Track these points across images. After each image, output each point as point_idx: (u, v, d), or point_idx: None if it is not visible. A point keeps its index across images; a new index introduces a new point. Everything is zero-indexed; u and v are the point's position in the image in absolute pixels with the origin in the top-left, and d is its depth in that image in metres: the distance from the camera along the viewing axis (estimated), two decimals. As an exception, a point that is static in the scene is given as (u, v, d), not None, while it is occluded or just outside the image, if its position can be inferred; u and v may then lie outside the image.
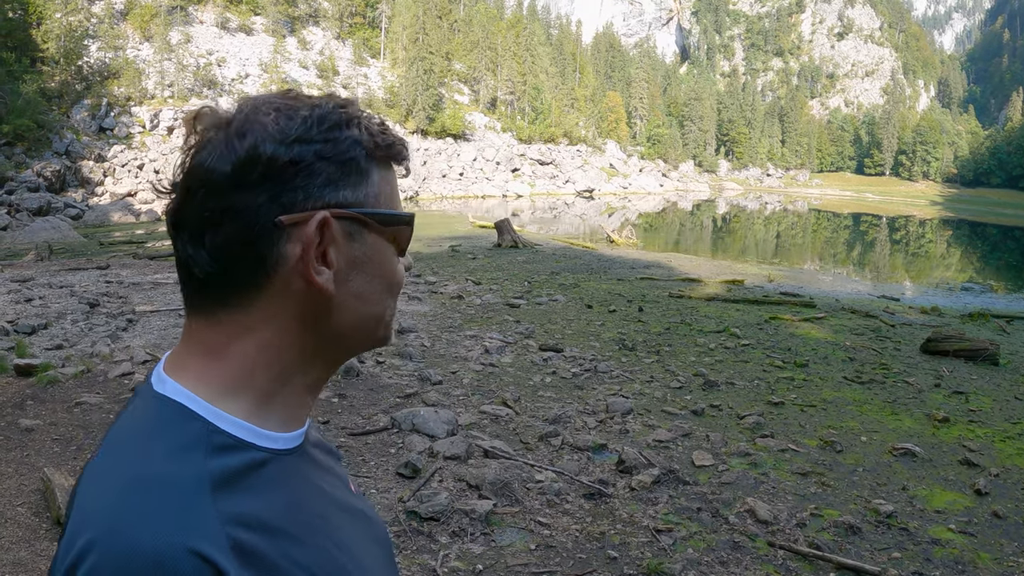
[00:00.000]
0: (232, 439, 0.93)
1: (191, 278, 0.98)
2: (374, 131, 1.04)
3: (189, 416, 0.93)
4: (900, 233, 63.61)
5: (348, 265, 1.01)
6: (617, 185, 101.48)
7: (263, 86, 74.96)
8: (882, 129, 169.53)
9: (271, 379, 0.99)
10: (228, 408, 0.95)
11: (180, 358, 1.00)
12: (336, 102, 1.03)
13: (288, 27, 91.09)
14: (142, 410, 0.96)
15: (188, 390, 0.95)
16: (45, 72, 58.28)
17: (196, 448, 0.89)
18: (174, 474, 0.86)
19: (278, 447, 0.99)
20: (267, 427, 0.98)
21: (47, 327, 12.07)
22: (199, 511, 0.83)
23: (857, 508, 5.93)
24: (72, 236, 31.88)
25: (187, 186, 0.97)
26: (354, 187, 1.00)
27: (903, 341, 12.85)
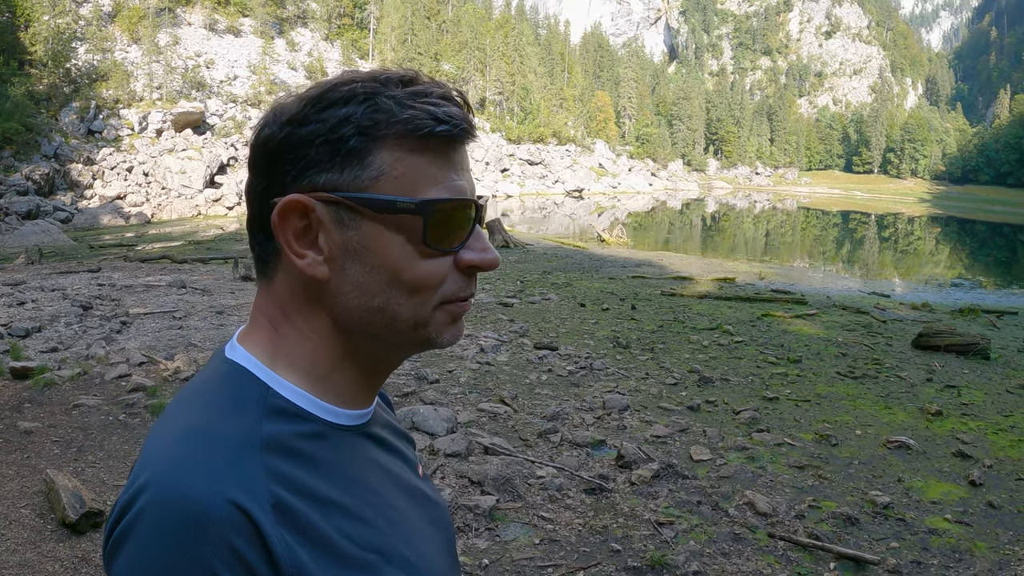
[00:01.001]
0: (290, 405, 0.96)
1: (252, 253, 1.04)
2: (385, 107, 0.96)
3: (250, 379, 0.97)
4: (889, 230, 63.83)
5: (342, 252, 0.97)
6: (606, 185, 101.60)
7: (251, 88, 74.91)
8: (870, 127, 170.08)
9: (318, 361, 1.01)
10: (289, 378, 0.98)
11: (248, 328, 1.05)
12: (346, 78, 0.99)
13: (276, 28, 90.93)
14: (210, 372, 1.01)
15: (253, 356, 0.99)
16: (33, 75, 58.04)
17: (252, 408, 0.93)
18: (227, 429, 0.90)
19: (338, 421, 1.01)
20: (328, 400, 1.00)
21: (41, 330, 12.06)
22: (244, 465, 0.87)
23: (854, 500, 6.00)
24: (62, 239, 31.81)
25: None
26: (341, 169, 0.96)
27: (895, 337, 12.95)
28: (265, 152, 0.98)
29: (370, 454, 1.06)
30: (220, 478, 0.84)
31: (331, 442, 0.98)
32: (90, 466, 6.38)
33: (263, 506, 0.85)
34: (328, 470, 0.96)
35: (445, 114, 0.98)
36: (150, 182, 52.80)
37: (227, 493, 0.83)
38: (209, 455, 0.86)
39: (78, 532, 5.17)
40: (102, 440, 6.94)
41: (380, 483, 1.05)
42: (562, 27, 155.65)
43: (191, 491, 0.82)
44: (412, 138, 0.97)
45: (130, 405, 7.82)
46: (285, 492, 0.88)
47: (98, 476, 6.15)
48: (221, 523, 0.81)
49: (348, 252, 0.97)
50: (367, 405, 1.08)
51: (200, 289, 16.64)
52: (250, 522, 0.83)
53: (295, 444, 0.93)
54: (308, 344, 1.01)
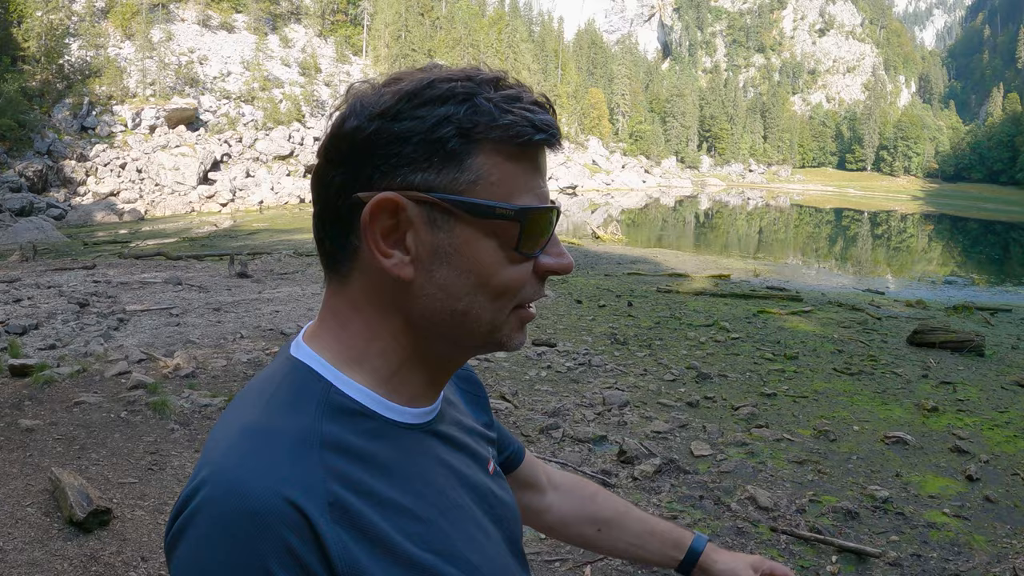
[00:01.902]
0: (353, 403, 0.96)
1: (317, 243, 1.02)
2: (486, 108, 0.95)
3: (314, 377, 0.97)
4: (882, 228, 63.98)
5: (430, 254, 0.96)
6: (600, 182, 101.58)
7: (245, 84, 74.85)
8: (863, 125, 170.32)
9: (387, 359, 1.01)
10: (354, 376, 0.98)
11: (315, 326, 1.05)
12: (445, 75, 0.97)
13: (270, 25, 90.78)
14: (275, 369, 1.01)
15: (317, 355, 0.99)
16: (26, 71, 57.93)
17: (313, 406, 0.93)
18: (288, 426, 0.90)
19: (400, 420, 1.00)
20: (392, 399, 1.00)
21: (38, 327, 12.05)
22: (303, 463, 0.87)
23: (854, 494, 6.05)
24: (56, 236, 31.78)
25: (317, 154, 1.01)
26: (438, 170, 0.94)
27: (890, 333, 13.01)
28: (352, 144, 0.95)
29: (435, 452, 1.06)
30: (278, 476, 0.85)
31: (393, 440, 0.99)
32: (93, 464, 6.39)
33: (320, 505, 0.85)
34: (389, 468, 0.96)
35: (542, 122, 0.98)
36: (143, 179, 52.79)
37: (284, 491, 0.84)
38: (268, 452, 0.87)
39: (85, 530, 5.15)
40: (104, 438, 6.95)
41: (445, 482, 1.04)
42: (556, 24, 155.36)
43: (249, 488, 0.83)
44: (510, 144, 0.97)
45: (131, 402, 7.83)
46: (343, 490, 0.89)
47: (102, 474, 6.16)
48: (277, 521, 0.82)
49: (437, 254, 0.96)
50: (431, 403, 1.07)
51: (196, 286, 16.64)
52: (306, 521, 0.83)
53: (356, 442, 0.94)
54: (378, 343, 1.00)
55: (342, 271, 1.00)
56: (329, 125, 0.99)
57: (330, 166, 0.98)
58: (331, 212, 0.98)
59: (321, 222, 1.00)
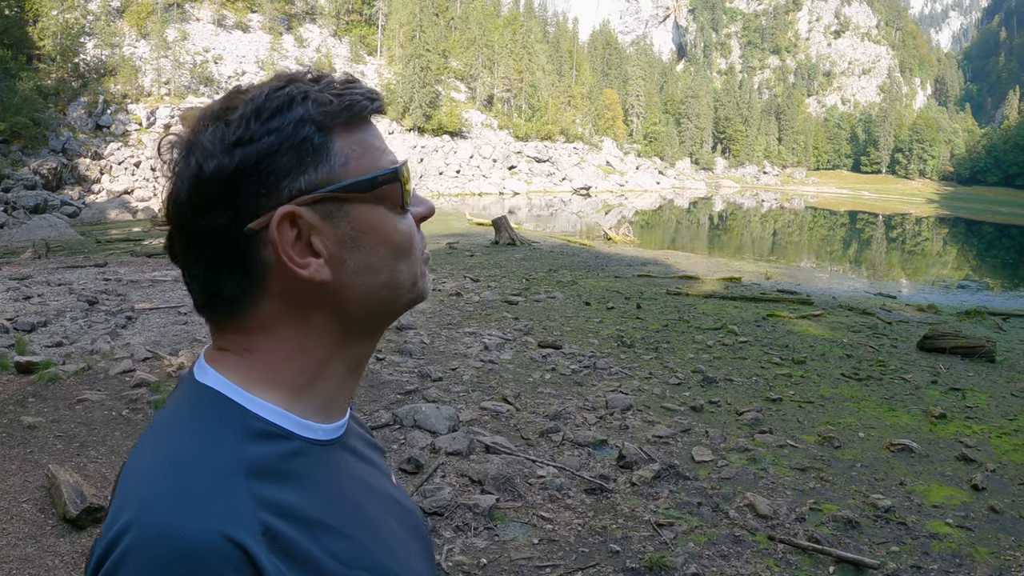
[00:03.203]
0: (270, 426, 0.94)
1: (198, 301, 1.00)
2: (324, 99, 0.98)
3: (227, 404, 0.94)
4: (896, 231, 63.67)
5: (339, 246, 0.98)
6: (614, 183, 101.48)
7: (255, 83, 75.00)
8: (879, 127, 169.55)
9: (303, 370, 0.99)
10: (266, 397, 0.96)
11: (217, 351, 1.01)
12: (273, 86, 0.99)
13: (285, 24, 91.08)
14: (183, 397, 0.98)
15: (227, 379, 0.97)
16: (42, 69, 58.25)
17: (232, 433, 0.91)
18: (210, 458, 0.87)
19: (317, 437, 0.99)
20: (306, 417, 0.99)
21: (47, 325, 12.10)
22: (233, 496, 0.84)
23: (856, 503, 5.98)
24: (69, 234, 31.89)
25: (169, 219, 0.97)
26: (315, 167, 0.96)
27: (900, 338, 12.92)
28: (220, 183, 0.92)
29: (349, 468, 1.05)
30: (210, 512, 0.81)
31: (312, 459, 0.97)
32: (92, 461, 6.39)
33: (255, 536, 0.82)
34: (311, 489, 0.94)
35: (370, 93, 1.03)
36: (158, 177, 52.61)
37: (221, 528, 0.80)
38: (196, 487, 0.84)
39: (78, 527, 5.19)
40: (104, 435, 6.96)
41: (361, 496, 1.04)
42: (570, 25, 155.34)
43: (180, 527, 0.79)
44: (355, 120, 1.01)
45: (133, 401, 7.84)
46: (272, 518, 0.86)
47: (100, 471, 6.17)
48: (218, 560, 0.79)
49: (345, 243, 0.98)
50: (342, 416, 1.07)
51: (205, 285, 16.64)
52: (245, 556, 0.80)
53: (277, 465, 0.92)
54: (295, 359, 0.99)
55: (242, 310, 0.98)
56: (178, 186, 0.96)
57: (204, 215, 0.93)
58: (226, 258, 0.95)
59: (214, 275, 0.96)
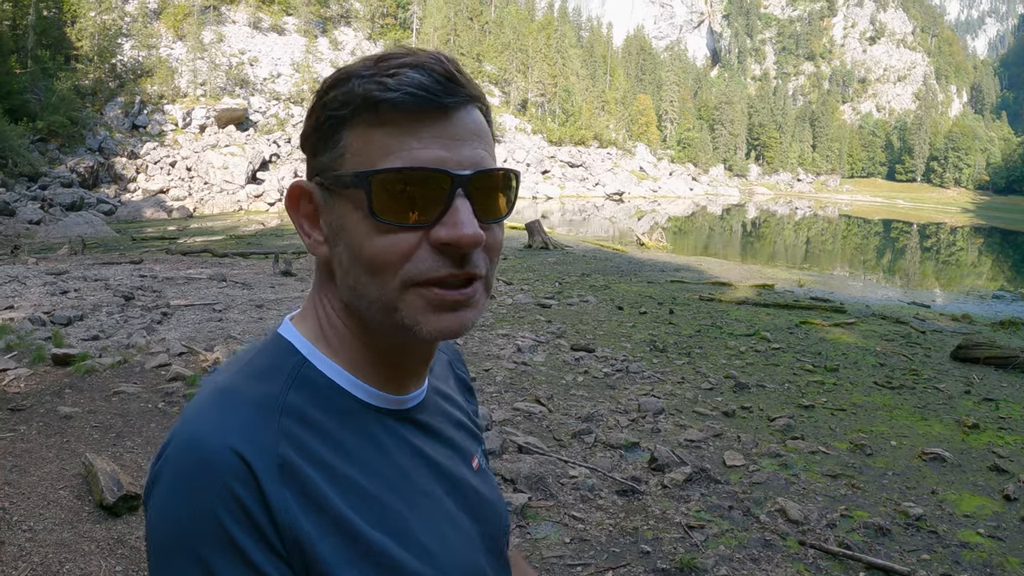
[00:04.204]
0: (323, 378, 1.02)
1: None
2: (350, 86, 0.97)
3: (291, 351, 1.03)
4: (931, 240, 63.08)
5: (331, 232, 1.01)
6: (647, 188, 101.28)
7: (295, 86, 75.58)
8: (914, 135, 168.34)
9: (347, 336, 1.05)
10: (329, 355, 1.04)
11: (301, 310, 1.11)
12: (342, 69, 1.00)
13: (320, 27, 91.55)
14: (259, 344, 1.08)
15: (300, 334, 1.06)
16: (79, 70, 59.01)
17: (284, 377, 0.99)
18: (253, 391, 0.97)
19: (372, 402, 1.04)
20: (367, 381, 1.04)
21: (83, 319, 12.27)
22: (259, 424, 0.93)
23: (887, 510, 5.97)
24: (105, 231, 32.20)
25: None
26: (324, 152, 0.99)
27: (933, 348, 12.82)
28: (303, 142, 1.04)
29: (408, 438, 1.07)
30: (230, 430, 0.91)
31: (359, 418, 1.02)
32: (128, 451, 6.50)
33: (268, 463, 0.91)
34: (350, 445, 0.99)
35: (398, 83, 0.95)
36: (193, 177, 53.41)
37: (232, 444, 0.90)
38: (227, 411, 0.94)
39: (115, 514, 5.27)
40: (140, 427, 7.06)
41: (413, 468, 1.06)
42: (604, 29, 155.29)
43: (203, 441, 0.91)
44: (370, 112, 0.95)
45: (169, 394, 7.94)
46: (296, 455, 0.93)
47: (136, 461, 6.27)
48: (224, 470, 0.88)
49: (334, 231, 1.00)
50: (409, 391, 1.10)
51: (240, 283, 16.81)
52: (251, 473, 0.89)
53: (318, 415, 0.98)
54: (338, 325, 1.05)
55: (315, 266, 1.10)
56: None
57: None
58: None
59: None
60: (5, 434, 6.86)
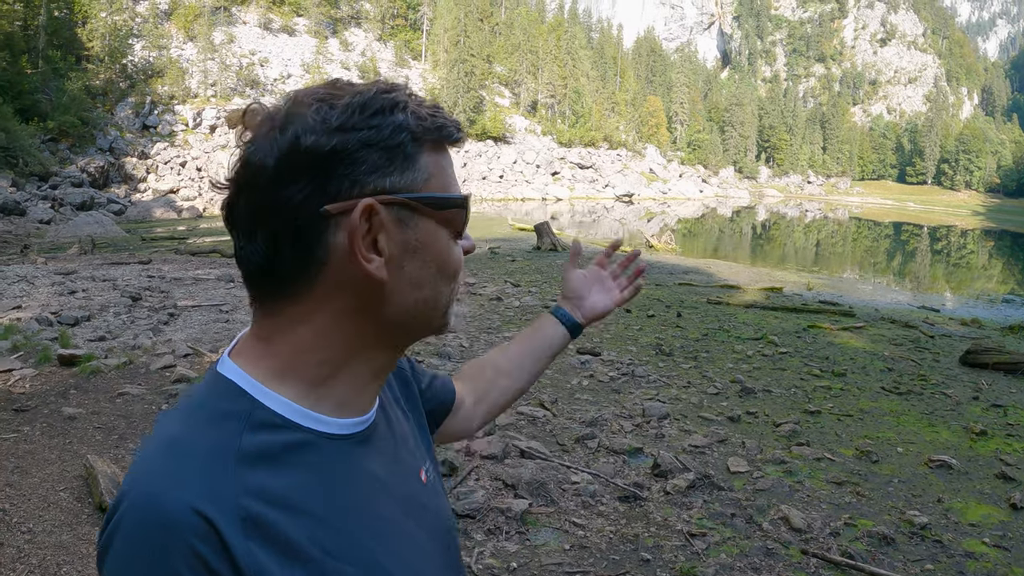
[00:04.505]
0: (276, 417, 0.97)
1: (248, 271, 1.02)
2: (422, 114, 1.03)
3: (238, 393, 0.98)
4: (941, 243, 62.85)
5: (401, 251, 1.01)
6: (657, 190, 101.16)
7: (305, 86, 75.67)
8: (924, 137, 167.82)
9: (326, 363, 1.02)
10: (279, 390, 0.99)
11: (242, 342, 1.06)
12: (380, 88, 1.03)
13: (330, 28, 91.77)
14: (203, 385, 1.03)
15: (242, 371, 1.00)
16: (90, 70, 59.29)
17: (235, 421, 0.95)
18: (206, 441, 0.92)
19: (328, 431, 1.02)
20: (320, 411, 1.01)
21: (90, 319, 12.28)
22: (217, 478, 0.89)
23: (891, 519, 5.91)
24: (115, 231, 32.29)
25: (237, 182, 1.01)
26: (401, 172, 1.00)
27: (942, 353, 12.75)
28: (315, 159, 0.96)
29: (364, 465, 1.07)
30: (189, 489, 0.87)
31: (318, 452, 1.00)
32: (130, 453, 6.50)
33: (230, 518, 0.87)
34: (310, 481, 0.97)
35: (456, 123, 1.08)
36: (203, 177, 53.63)
37: (192, 502, 0.86)
38: (182, 466, 0.90)
39: (114, 517, 5.27)
40: (144, 429, 7.06)
41: (371, 495, 1.06)
42: (615, 31, 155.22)
43: (161, 500, 0.86)
44: (441, 144, 1.07)
45: (173, 395, 7.96)
46: (258, 504, 0.90)
47: (138, 466, 6.26)
48: (184, 530, 0.85)
49: (406, 250, 1.02)
50: (364, 412, 1.09)
51: (247, 284, 16.78)
52: (213, 531, 0.86)
53: (276, 455, 0.95)
54: (321, 352, 1.02)
55: (291, 290, 1.01)
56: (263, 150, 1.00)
57: (288, 185, 0.97)
58: (294, 232, 0.97)
59: (276, 248, 0.99)
60: (8, 435, 6.88)
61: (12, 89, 46.70)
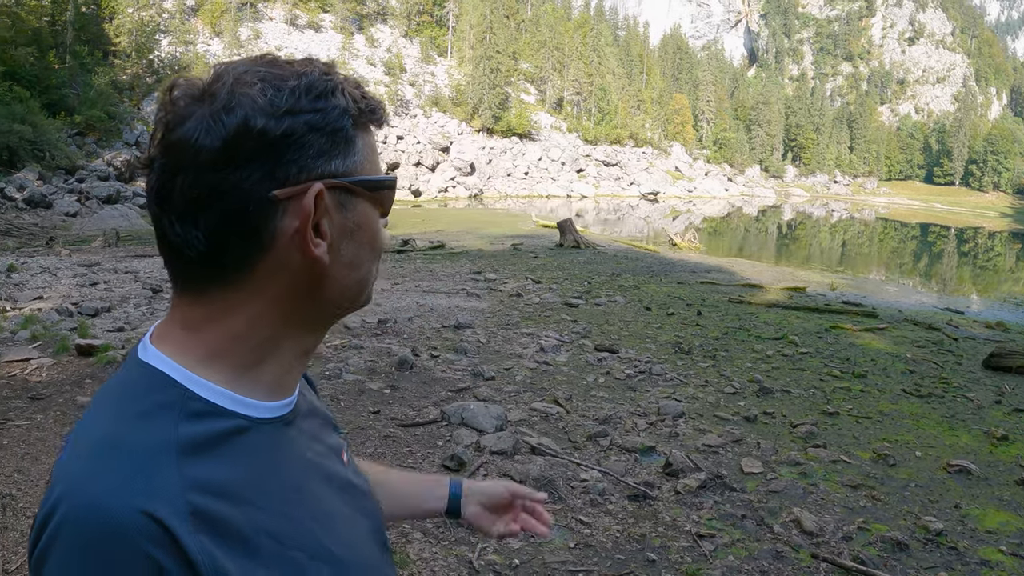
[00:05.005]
0: (209, 405, 0.94)
1: (180, 257, 0.96)
2: (356, 97, 1.03)
3: (167, 382, 0.94)
4: (968, 245, 62.36)
5: (339, 234, 1.01)
6: (682, 188, 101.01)
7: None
8: (952, 137, 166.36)
9: (256, 348, 1.00)
10: (208, 376, 0.96)
11: (165, 329, 1.01)
12: (320, 68, 1.02)
13: (356, 24, 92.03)
14: (125, 376, 0.98)
15: (169, 358, 0.96)
16: (117, 65, 59.78)
17: (169, 413, 0.91)
18: (143, 437, 0.88)
19: (259, 415, 0.99)
20: (249, 395, 0.99)
21: (110, 310, 12.36)
22: (160, 475, 0.85)
23: (906, 524, 5.80)
24: (140, 224, 32.52)
25: (172, 163, 0.94)
26: (343, 156, 1.00)
27: (965, 355, 12.58)
28: (263, 142, 0.93)
29: (295, 447, 1.06)
30: (135, 490, 0.83)
31: (253, 438, 0.98)
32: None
33: (180, 515, 0.84)
34: (247, 467, 0.95)
35: (383, 105, 1.08)
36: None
37: (142, 505, 0.82)
38: (123, 466, 0.85)
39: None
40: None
41: (304, 476, 1.05)
42: (641, 28, 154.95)
43: (107, 505, 0.82)
44: (371, 125, 1.07)
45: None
46: (203, 497, 0.87)
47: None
48: (139, 536, 0.81)
49: (344, 233, 1.02)
50: (290, 394, 1.07)
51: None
52: (167, 533, 0.82)
53: (214, 445, 0.92)
54: (255, 335, 1.00)
55: (229, 277, 0.97)
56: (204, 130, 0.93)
57: (235, 169, 0.93)
58: (239, 217, 0.93)
59: (218, 233, 0.94)
60: (22, 422, 6.93)
61: (40, 84, 47.11)
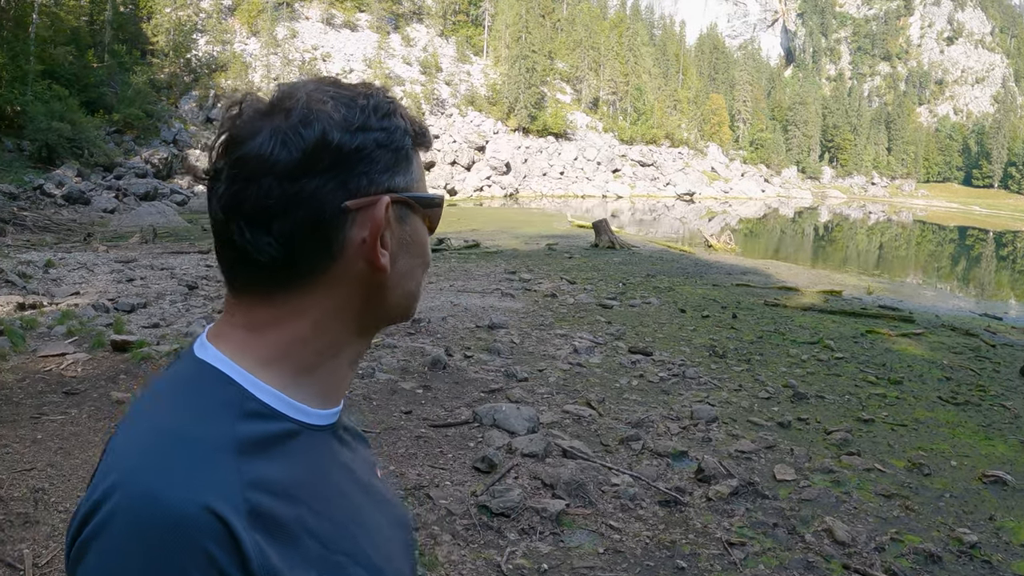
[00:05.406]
0: (265, 407, 0.97)
1: (247, 262, 0.99)
2: (410, 118, 1.09)
3: (225, 381, 0.97)
4: (1007, 249, 61.47)
5: (398, 246, 1.06)
6: (718, 189, 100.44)
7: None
8: (992, 139, 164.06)
9: (317, 352, 1.04)
10: (265, 378, 0.99)
11: (223, 329, 1.03)
12: (382, 91, 1.08)
13: (392, 24, 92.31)
14: (182, 372, 1.00)
15: (228, 358, 0.99)
16: (155, 64, 60.50)
17: (228, 411, 0.94)
18: (203, 433, 0.90)
19: (310, 421, 1.02)
20: (303, 401, 1.02)
21: (146, 306, 12.49)
22: (221, 471, 0.87)
23: (940, 536, 5.72)
24: (176, 221, 32.82)
25: (245, 173, 0.96)
26: (404, 173, 1.06)
27: (1003, 363, 12.41)
28: (339, 155, 0.99)
29: (338, 455, 1.09)
30: (196, 484, 0.84)
31: (303, 442, 1.00)
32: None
33: (239, 513, 0.85)
34: (300, 470, 0.97)
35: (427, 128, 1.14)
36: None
37: (204, 500, 0.83)
38: (184, 459, 0.87)
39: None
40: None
41: (347, 484, 1.08)
42: (677, 28, 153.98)
43: (166, 497, 0.82)
44: (422, 148, 1.13)
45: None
46: (259, 496, 0.89)
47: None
48: (198, 531, 0.82)
49: (402, 245, 1.07)
50: (338, 403, 1.11)
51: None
52: (227, 530, 0.83)
53: (268, 446, 0.95)
54: (316, 341, 1.03)
55: (299, 282, 1.01)
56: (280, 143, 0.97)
57: (312, 178, 0.97)
58: (312, 225, 0.98)
59: (291, 240, 0.97)
60: (56, 416, 7.00)
61: (79, 82, 47.76)
